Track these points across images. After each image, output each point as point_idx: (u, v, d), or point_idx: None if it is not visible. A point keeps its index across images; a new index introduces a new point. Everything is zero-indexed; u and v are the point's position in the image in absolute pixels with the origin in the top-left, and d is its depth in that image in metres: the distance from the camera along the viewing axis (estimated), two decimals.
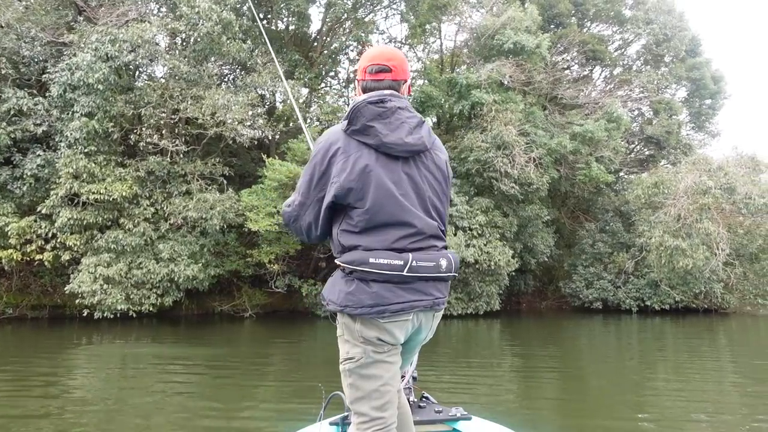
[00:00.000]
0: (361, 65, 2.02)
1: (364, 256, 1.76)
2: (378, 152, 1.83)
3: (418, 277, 1.80)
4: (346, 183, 1.79)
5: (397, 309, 1.78)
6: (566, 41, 20.49)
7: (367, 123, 1.82)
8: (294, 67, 16.19)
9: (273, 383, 7.67)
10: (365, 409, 1.84)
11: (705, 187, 15.89)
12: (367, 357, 1.83)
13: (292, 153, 14.45)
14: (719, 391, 7.13)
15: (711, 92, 23.97)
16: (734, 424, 5.45)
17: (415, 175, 1.89)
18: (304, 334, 13.71)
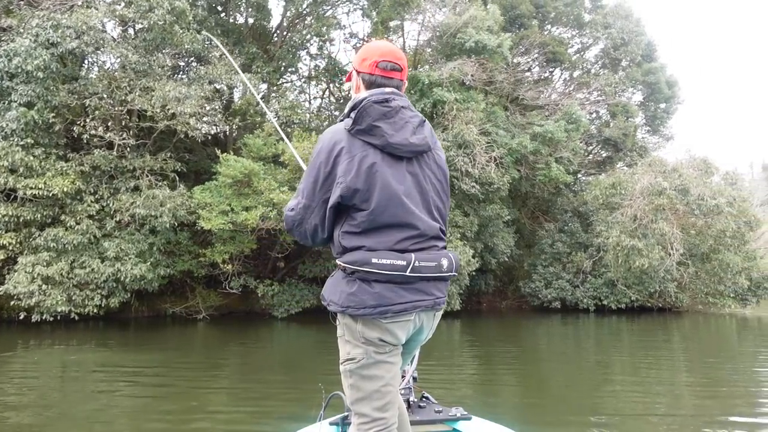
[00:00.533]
0: (369, 58, 1.95)
1: (366, 256, 1.76)
2: (383, 152, 1.81)
3: (420, 277, 1.80)
4: (353, 184, 1.77)
5: (400, 309, 1.78)
6: (527, 42, 20.61)
7: (373, 123, 1.80)
8: (251, 60, 15.68)
9: (226, 389, 7.28)
10: (366, 409, 1.83)
11: (660, 188, 16.19)
12: (368, 358, 1.82)
13: (248, 149, 13.96)
14: (673, 389, 7.14)
15: (665, 96, 24.60)
16: (688, 423, 5.42)
17: (419, 176, 1.89)
18: (260, 336, 13.26)
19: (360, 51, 2.05)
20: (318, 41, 17.72)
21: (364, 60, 1.97)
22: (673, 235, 16.06)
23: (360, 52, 2.03)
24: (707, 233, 17.27)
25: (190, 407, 6.10)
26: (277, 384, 7.42)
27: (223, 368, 8.84)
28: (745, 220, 16.95)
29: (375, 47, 2.01)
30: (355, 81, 2.00)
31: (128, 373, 8.13)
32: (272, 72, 15.83)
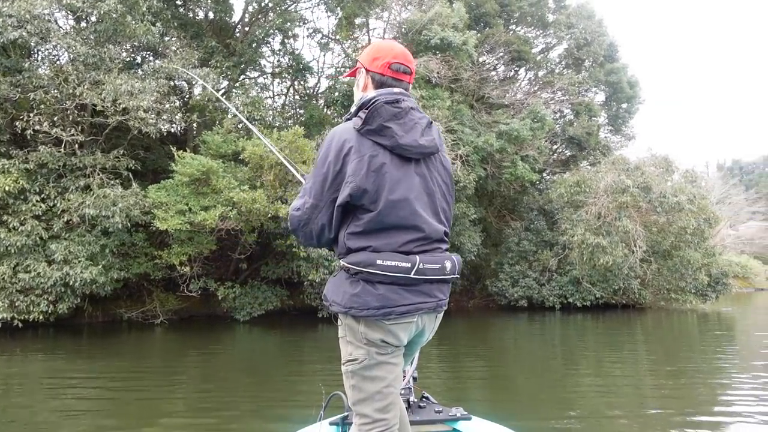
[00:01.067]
0: (382, 58, 1.93)
1: (371, 257, 1.75)
2: (392, 153, 1.80)
3: (425, 279, 1.80)
4: (362, 184, 1.75)
5: (403, 311, 1.78)
6: (492, 41, 20.61)
7: (384, 123, 1.78)
8: (210, 54, 15.13)
9: (183, 397, 6.84)
10: (368, 410, 1.82)
11: (624, 185, 16.36)
12: (370, 359, 1.81)
13: (206, 146, 13.43)
14: (637, 386, 7.09)
15: (627, 96, 25.02)
16: (652, 419, 5.34)
17: (427, 178, 1.88)
18: (222, 341, 12.75)
19: (371, 49, 2.01)
20: (281, 36, 17.25)
21: (375, 59, 1.95)
22: (636, 232, 16.24)
23: (371, 51, 2.00)
24: (668, 230, 17.56)
25: (144, 417, 5.72)
26: (238, 391, 7.04)
27: (182, 375, 8.39)
28: (704, 218, 17.29)
29: (388, 47, 1.99)
30: (363, 79, 1.97)
31: (79, 382, 7.61)
32: (232, 67, 15.30)
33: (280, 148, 12.61)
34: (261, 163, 12.51)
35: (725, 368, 8.08)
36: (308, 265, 13.82)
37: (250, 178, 13.00)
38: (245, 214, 12.17)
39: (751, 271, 36.94)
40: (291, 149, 12.60)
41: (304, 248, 13.58)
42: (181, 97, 15.21)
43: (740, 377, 7.13)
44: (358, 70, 2.01)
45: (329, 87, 19.04)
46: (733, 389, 6.43)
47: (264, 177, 12.58)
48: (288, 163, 3.27)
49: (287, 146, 12.52)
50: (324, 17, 29.69)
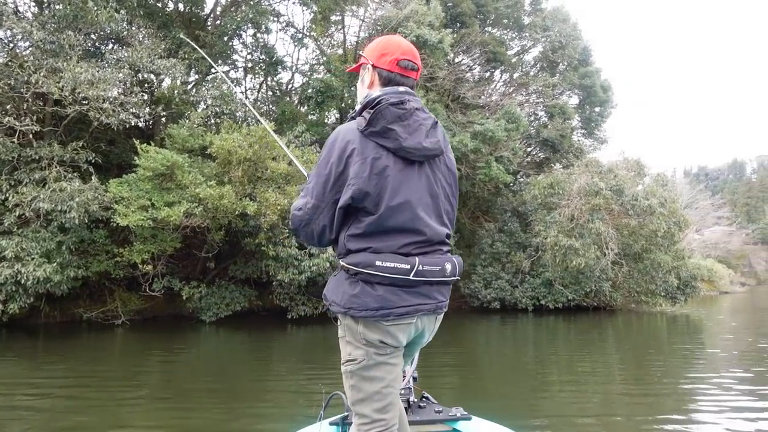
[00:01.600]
0: (390, 54, 1.90)
1: (370, 258, 1.74)
2: (396, 156, 1.79)
3: (424, 281, 1.79)
4: (364, 186, 1.74)
5: (402, 313, 1.77)
6: (468, 40, 20.48)
7: (388, 125, 1.77)
8: (178, 46, 14.58)
9: (143, 402, 6.42)
10: (367, 410, 1.82)
11: (597, 188, 16.39)
12: (369, 359, 1.81)
13: (172, 140, 12.90)
14: (607, 390, 6.96)
15: (600, 100, 25.23)
16: (620, 425, 5.21)
17: (431, 180, 1.87)
18: (186, 343, 12.25)
19: (378, 44, 1.96)
20: (253, 29, 16.78)
21: (383, 55, 1.91)
22: (608, 234, 16.28)
23: (378, 46, 1.95)
24: (639, 233, 17.68)
25: (101, 423, 5.33)
26: (202, 396, 6.65)
27: (143, 378, 7.93)
28: (674, 221, 17.44)
29: (396, 43, 1.95)
30: (370, 75, 1.93)
31: (32, 386, 7.11)
32: (201, 59, 14.77)
33: (249, 143, 12.21)
34: (229, 158, 12.08)
35: (694, 372, 8.04)
36: (277, 264, 13.42)
37: (217, 173, 12.55)
38: (212, 211, 11.72)
39: (716, 275, 37.80)
40: (261, 145, 12.20)
41: (273, 247, 13.20)
42: (148, 88, 14.62)
43: (708, 382, 7.06)
44: (363, 66, 1.96)
45: (303, 83, 18.66)
46: (701, 394, 6.31)
47: (232, 173, 12.15)
48: (300, 166, 3.18)
49: (257, 141, 12.11)
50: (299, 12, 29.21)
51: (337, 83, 16.66)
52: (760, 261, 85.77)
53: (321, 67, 18.92)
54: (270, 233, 13.01)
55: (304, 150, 13.75)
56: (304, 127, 15.06)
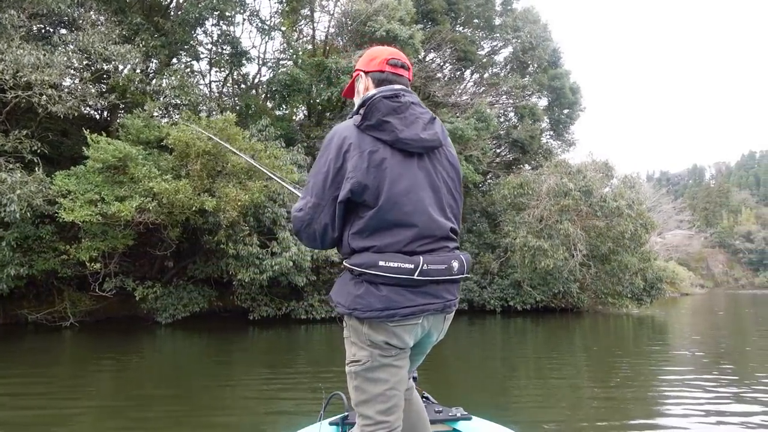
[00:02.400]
0: (378, 57, 1.96)
1: (373, 258, 1.71)
2: (393, 148, 1.77)
3: (430, 280, 1.75)
4: (363, 179, 1.72)
5: (407, 313, 1.73)
6: (439, 38, 20.20)
7: (383, 118, 1.77)
8: (135, 32, 13.81)
9: (92, 410, 5.81)
10: (370, 412, 1.79)
11: (566, 188, 16.29)
12: (373, 360, 1.77)
13: (126, 131, 12.16)
14: (575, 394, 6.70)
15: (569, 102, 25.35)
16: (589, 429, 4.98)
17: (432, 173, 1.84)
18: (139, 346, 11.51)
19: (365, 54, 2.04)
20: (216, 18, 16.09)
21: (372, 59, 1.98)
22: (576, 236, 16.20)
23: (366, 55, 2.02)
24: (607, 235, 17.69)
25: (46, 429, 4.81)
26: (152, 403, 6.08)
27: (91, 384, 7.26)
28: (641, 223, 17.50)
29: (381, 49, 2.03)
30: (364, 83, 1.97)
31: None
32: (160, 47, 14.05)
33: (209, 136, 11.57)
34: (187, 151, 11.42)
35: (660, 374, 7.89)
36: (238, 263, 12.81)
37: (174, 167, 11.87)
38: (167, 206, 11.04)
39: (677, 277, 38.64)
40: (221, 137, 11.57)
41: (234, 245, 12.59)
42: (101, 76, 13.78)
43: (674, 383, 6.88)
44: (356, 78, 2.01)
45: (270, 78, 18.03)
46: (667, 397, 6.13)
47: (190, 166, 11.49)
48: (282, 181, 3.06)
49: (217, 134, 11.49)
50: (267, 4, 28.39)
51: (303, 77, 16.13)
52: (718, 264, 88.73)
53: (289, 61, 18.33)
54: (230, 230, 12.41)
55: (268, 144, 13.19)
56: (268, 120, 14.49)
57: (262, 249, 12.88)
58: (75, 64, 11.20)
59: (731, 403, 5.55)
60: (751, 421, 4.87)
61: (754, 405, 5.46)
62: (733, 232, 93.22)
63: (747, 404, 5.50)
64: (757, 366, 8.30)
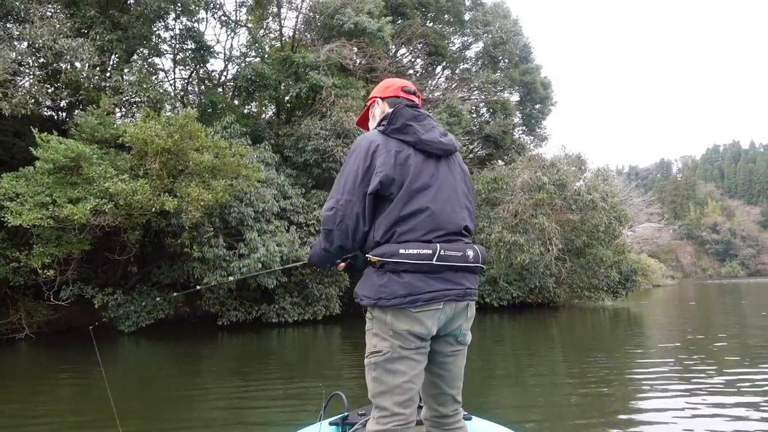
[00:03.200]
0: (393, 86, 2.19)
1: (394, 248, 1.81)
2: (416, 149, 1.93)
3: (447, 266, 1.84)
4: (390, 172, 1.87)
5: (429, 298, 1.82)
6: (409, 32, 19.86)
7: (406, 122, 1.95)
8: (89, 26, 13.09)
9: (49, 427, 5.26)
10: (387, 403, 1.83)
11: (540, 182, 16.12)
12: (393, 352, 1.83)
13: (79, 129, 11.47)
14: (552, 391, 6.43)
15: (540, 97, 25.30)
16: (569, 426, 4.82)
17: (449, 173, 2.00)
18: (102, 356, 10.84)
19: (380, 84, 2.26)
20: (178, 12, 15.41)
21: (387, 87, 2.20)
22: (551, 230, 16.04)
23: (381, 85, 2.24)
24: (581, 228, 17.61)
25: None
26: (118, 416, 5.54)
27: (48, 400, 6.66)
28: (615, 215, 17.46)
29: (395, 79, 2.26)
30: (380, 107, 2.17)
31: None
32: (117, 41, 13.34)
33: (170, 133, 10.99)
34: (145, 149, 10.80)
35: (636, 369, 7.68)
36: (203, 267, 12.25)
37: (132, 166, 11.24)
38: (124, 208, 10.41)
39: (649, 269, 39.17)
40: (182, 134, 11.00)
41: (198, 248, 12.02)
42: (53, 72, 13.02)
43: (652, 378, 6.65)
44: (372, 104, 2.22)
45: (235, 75, 17.42)
46: (645, 392, 5.90)
47: (148, 165, 10.87)
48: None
49: (177, 131, 10.91)
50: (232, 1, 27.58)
51: (270, 72, 15.60)
52: (686, 255, 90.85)
53: (256, 58, 17.74)
54: (194, 232, 11.83)
55: (233, 142, 12.64)
56: (233, 117, 13.94)
57: (229, 251, 12.34)
58: (22, 59, 10.47)
59: (705, 395, 5.47)
60: (725, 413, 4.80)
61: (726, 396, 5.39)
62: (700, 224, 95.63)
63: (721, 396, 5.44)
64: (728, 356, 8.22)
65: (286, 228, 13.43)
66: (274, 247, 12.38)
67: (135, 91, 12.52)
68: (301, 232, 14.22)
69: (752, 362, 7.24)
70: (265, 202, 12.84)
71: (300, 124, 15.47)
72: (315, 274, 14.63)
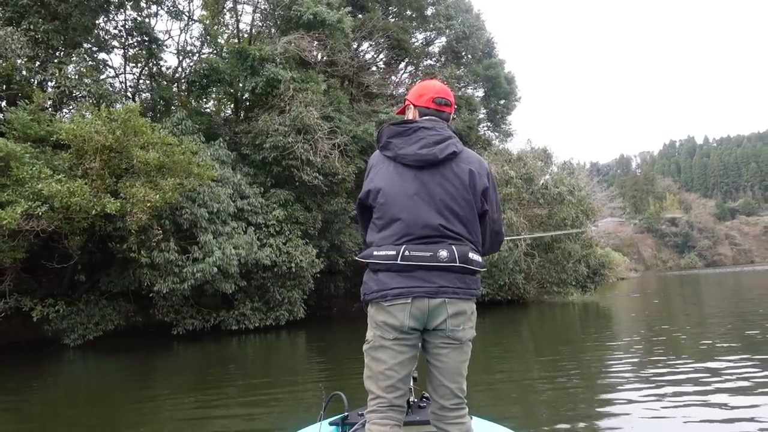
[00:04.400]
0: (426, 94, 2.23)
1: (371, 251, 2.04)
2: (395, 162, 2.09)
3: (417, 266, 1.96)
4: (372, 186, 2.11)
5: (396, 293, 1.96)
6: (370, 25, 19.30)
7: (387, 139, 2.12)
8: (21, 14, 12.05)
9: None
10: (372, 387, 2.03)
11: (507, 176, 15.79)
12: (375, 340, 2.02)
13: (10, 126, 10.47)
14: (526, 387, 6.16)
15: (505, 92, 25.11)
16: (544, 423, 4.52)
17: (429, 181, 2.07)
18: (46, 372, 9.88)
19: (417, 88, 2.31)
20: (124, 3, 14.45)
21: (421, 95, 2.25)
22: (520, 224, 15.73)
23: (417, 89, 2.29)
24: (549, 223, 17.38)
25: None
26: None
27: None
28: (582, 209, 17.30)
29: (431, 85, 2.29)
30: (412, 113, 2.26)
31: None
32: (53, 32, 12.32)
33: (111, 129, 10.11)
34: (84, 147, 9.90)
35: (607, 365, 7.36)
36: (154, 273, 11.40)
37: (71, 166, 10.32)
38: (61, 210, 9.51)
39: (613, 262, 39.69)
40: (125, 130, 10.14)
41: (147, 253, 11.16)
42: None
43: (624, 373, 6.42)
44: (407, 107, 2.31)
45: (188, 69, 16.55)
46: (617, 390, 5.61)
47: (88, 164, 9.98)
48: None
49: (119, 126, 10.05)
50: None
51: (224, 66, 14.79)
52: (647, 248, 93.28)
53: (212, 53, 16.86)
54: (142, 236, 10.96)
55: (183, 139, 11.84)
56: (184, 113, 13.11)
57: (182, 255, 11.52)
58: None
59: (667, 386, 5.45)
60: (683, 399, 4.85)
61: (688, 385, 5.44)
62: (660, 217, 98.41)
63: (684, 385, 5.45)
64: (693, 346, 8.07)
65: (243, 229, 12.67)
66: (230, 249, 11.63)
67: (74, 86, 11.56)
68: (261, 233, 13.47)
69: (714, 353, 7.25)
70: (220, 202, 12.05)
71: (257, 120, 14.70)
72: (276, 277, 13.89)
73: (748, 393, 4.94)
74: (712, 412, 4.41)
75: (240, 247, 11.98)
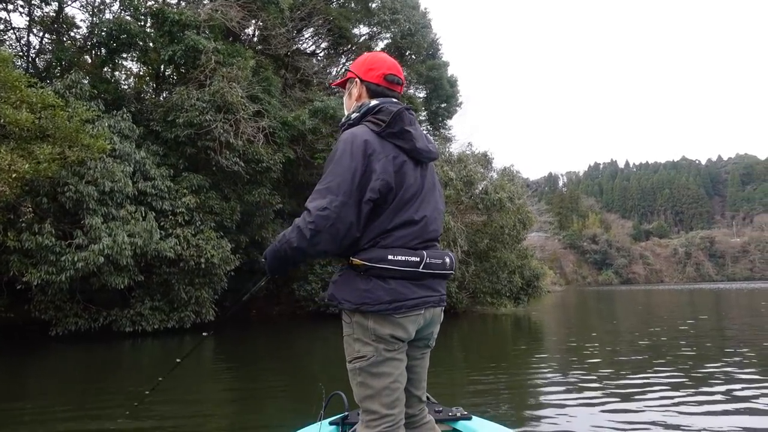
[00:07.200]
0: (377, 70, 1.98)
1: (382, 254, 1.77)
2: (409, 156, 1.88)
3: (431, 273, 1.85)
4: (390, 180, 1.80)
5: (413, 305, 1.80)
6: (310, 5, 17.89)
7: (405, 128, 1.87)
8: None
9: None
10: (375, 406, 1.83)
11: (447, 178, 14.82)
12: (378, 355, 1.80)
13: None
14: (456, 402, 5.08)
15: (447, 94, 24.46)
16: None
17: (429, 180, 1.98)
18: None
19: (364, 60, 2.04)
20: None
21: (370, 70, 2.00)
22: (457, 230, 14.79)
23: (365, 62, 2.02)
24: (485, 231, 16.61)
25: None
26: None
27: None
28: (520, 218, 16.66)
29: (381, 59, 2.05)
30: (357, 89, 2.00)
31: None
32: None
33: None
34: None
35: (540, 380, 6.56)
36: (25, 260, 9.40)
37: None
38: None
39: (545, 275, 40.25)
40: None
41: (16, 235, 9.16)
42: None
43: (560, 388, 5.88)
44: (350, 79, 2.04)
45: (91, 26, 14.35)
46: (554, 406, 5.12)
47: None
48: None
49: None
50: None
51: (137, 30, 12.88)
52: (569, 263, 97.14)
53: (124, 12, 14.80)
54: (10, 215, 8.97)
55: (72, 102, 9.93)
56: (80, 75, 11.16)
57: (61, 240, 9.59)
58: None
59: (603, 397, 5.34)
60: (609, 407, 4.87)
61: (613, 396, 5.35)
62: (582, 234, 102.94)
63: (612, 396, 5.36)
64: (617, 358, 7.53)
65: (143, 215, 10.83)
66: (123, 237, 9.80)
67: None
68: (166, 221, 11.69)
69: (635, 365, 7.22)
70: (115, 181, 10.20)
71: (172, 93, 12.90)
72: (183, 273, 12.12)
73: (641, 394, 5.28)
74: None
75: (136, 235, 10.18)
